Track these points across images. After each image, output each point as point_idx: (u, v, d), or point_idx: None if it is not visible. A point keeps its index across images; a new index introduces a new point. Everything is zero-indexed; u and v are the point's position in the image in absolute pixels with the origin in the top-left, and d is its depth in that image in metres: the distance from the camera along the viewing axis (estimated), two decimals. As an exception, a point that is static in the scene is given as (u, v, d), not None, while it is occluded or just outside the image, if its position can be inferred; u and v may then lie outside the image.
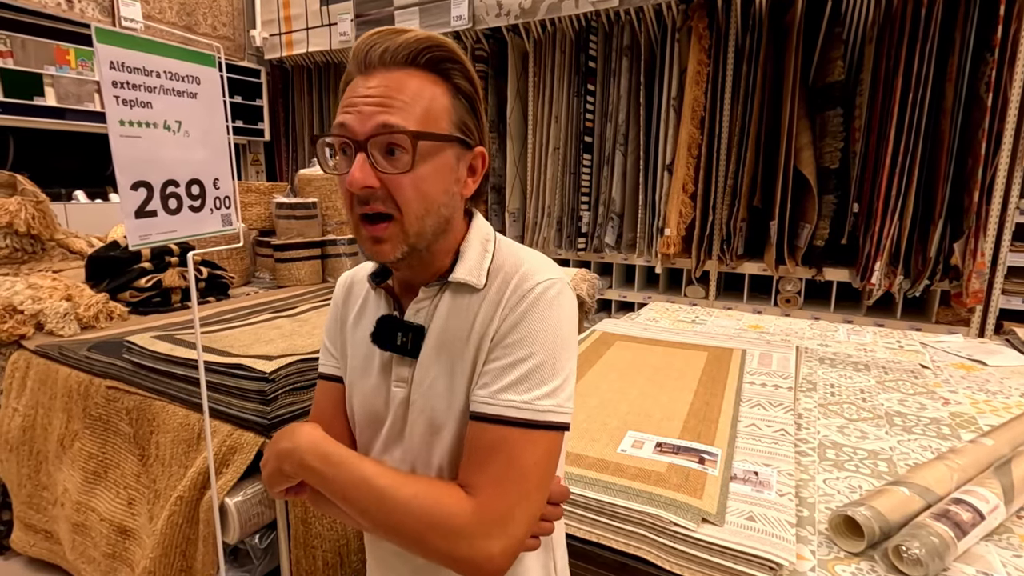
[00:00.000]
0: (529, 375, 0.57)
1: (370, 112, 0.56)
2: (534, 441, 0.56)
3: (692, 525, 0.77)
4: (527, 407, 0.56)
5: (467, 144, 0.61)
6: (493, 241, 0.66)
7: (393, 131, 0.55)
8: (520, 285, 0.60)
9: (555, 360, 0.58)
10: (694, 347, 1.62)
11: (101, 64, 0.78)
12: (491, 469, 0.55)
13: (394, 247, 0.59)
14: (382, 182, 0.56)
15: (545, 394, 0.57)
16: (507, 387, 0.57)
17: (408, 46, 0.57)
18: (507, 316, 0.59)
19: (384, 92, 0.56)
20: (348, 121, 0.56)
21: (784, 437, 1.06)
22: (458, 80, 0.60)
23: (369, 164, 0.56)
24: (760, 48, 3.01)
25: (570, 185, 3.64)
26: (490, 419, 0.56)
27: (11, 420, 1.65)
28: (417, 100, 0.57)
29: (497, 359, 0.58)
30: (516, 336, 0.58)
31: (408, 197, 0.57)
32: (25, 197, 2.28)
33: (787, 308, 3.14)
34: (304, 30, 4.54)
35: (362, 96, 0.57)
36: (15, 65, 3.66)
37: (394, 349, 0.64)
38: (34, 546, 1.66)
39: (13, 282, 1.89)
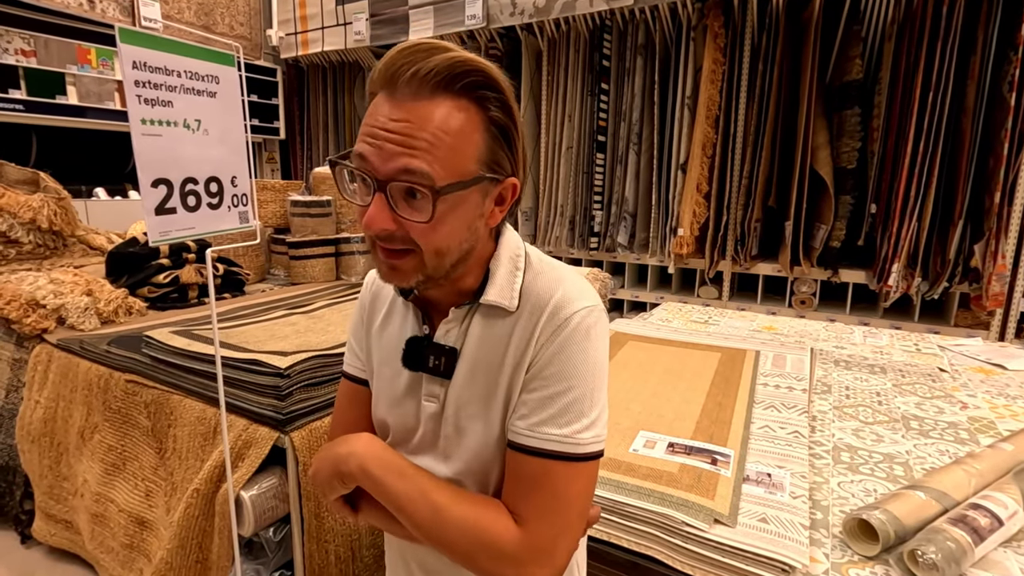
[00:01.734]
0: (568, 408, 0.57)
1: (392, 152, 0.52)
2: (576, 473, 0.57)
3: (704, 526, 0.77)
4: (568, 441, 0.57)
5: (496, 180, 0.57)
6: (523, 257, 0.64)
7: (414, 180, 0.52)
8: (556, 314, 0.59)
9: (593, 392, 0.58)
10: (707, 348, 1.61)
11: (124, 63, 0.80)
12: (536, 500, 0.56)
13: (409, 277, 0.58)
14: (402, 226, 0.54)
15: (585, 427, 0.57)
16: (547, 420, 0.57)
17: (441, 71, 0.52)
18: (543, 346, 0.58)
19: (409, 130, 0.52)
20: (368, 155, 0.53)
21: (798, 439, 1.05)
22: (493, 112, 0.55)
23: (388, 207, 0.53)
24: (776, 46, 2.98)
25: (583, 184, 3.63)
26: (531, 451, 0.57)
27: (33, 412, 1.69)
28: (443, 140, 0.52)
29: (535, 390, 0.58)
30: (554, 368, 0.58)
31: (427, 240, 0.55)
32: (48, 194, 2.33)
33: (802, 310, 3.11)
34: (320, 29, 4.58)
35: (385, 129, 0.52)
36: (38, 64, 3.73)
37: (426, 370, 0.63)
38: (54, 535, 1.69)
39: (36, 277, 1.93)
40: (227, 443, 1.12)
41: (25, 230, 2.23)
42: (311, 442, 1.21)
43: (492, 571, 0.55)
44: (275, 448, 1.20)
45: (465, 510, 0.56)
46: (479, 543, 0.55)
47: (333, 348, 1.39)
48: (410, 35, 4.02)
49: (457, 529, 0.55)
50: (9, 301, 1.81)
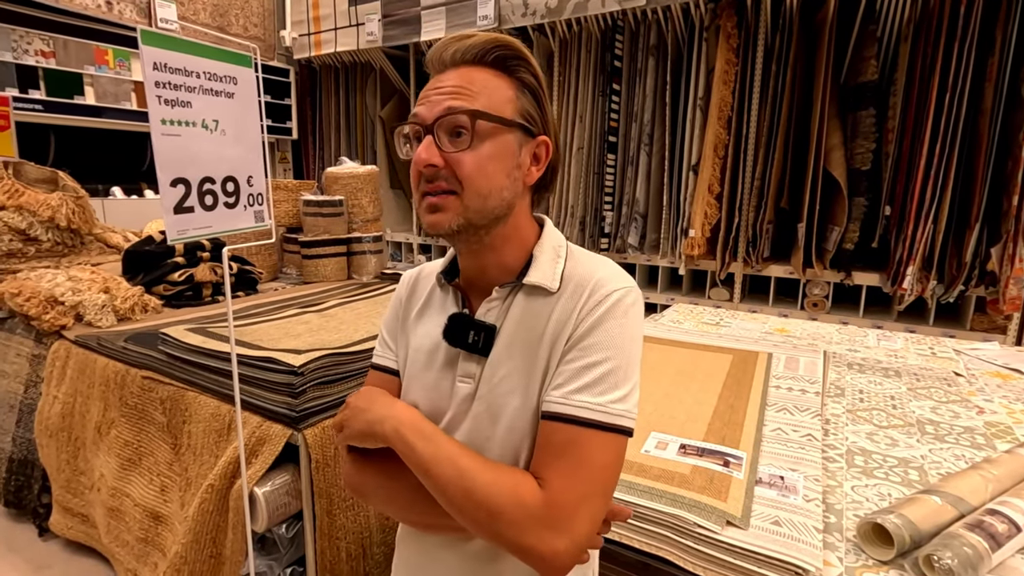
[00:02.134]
0: (604, 378, 0.59)
1: (438, 100, 0.61)
2: (605, 443, 0.58)
3: (716, 527, 0.76)
4: (601, 409, 0.58)
5: (530, 132, 0.64)
6: (565, 248, 0.68)
7: (455, 111, 0.59)
8: (597, 290, 0.62)
9: (628, 366, 0.60)
10: (718, 350, 1.60)
11: (145, 65, 0.81)
12: (562, 465, 0.57)
13: (450, 218, 0.61)
14: (446, 161, 0.60)
15: (618, 398, 0.59)
16: (582, 388, 0.59)
17: (476, 46, 0.62)
18: (584, 319, 0.61)
19: (453, 84, 0.61)
20: (420, 111, 0.62)
21: (811, 442, 1.05)
22: (523, 75, 0.64)
23: (435, 144, 0.60)
24: (790, 47, 2.96)
25: (593, 185, 3.63)
26: (564, 419, 0.58)
27: (51, 407, 1.72)
28: (482, 89, 0.61)
29: (572, 360, 0.60)
30: (593, 340, 0.60)
31: (469, 173, 0.60)
32: (66, 193, 2.37)
33: (814, 312, 3.08)
34: (332, 30, 4.61)
35: (433, 89, 0.62)
36: (57, 65, 3.79)
37: (465, 347, 0.65)
38: (71, 529, 1.72)
39: (54, 274, 1.97)
40: (242, 439, 1.13)
41: (44, 228, 2.27)
42: (324, 440, 1.22)
43: (511, 536, 0.55)
44: (288, 445, 1.21)
45: (491, 476, 0.57)
46: (502, 503, 0.55)
47: (346, 347, 1.40)
48: (422, 36, 4.04)
49: (481, 492, 0.56)
50: (29, 298, 1.84)
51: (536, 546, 0.54)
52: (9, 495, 1.87)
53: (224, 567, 1.26)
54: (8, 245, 2.17)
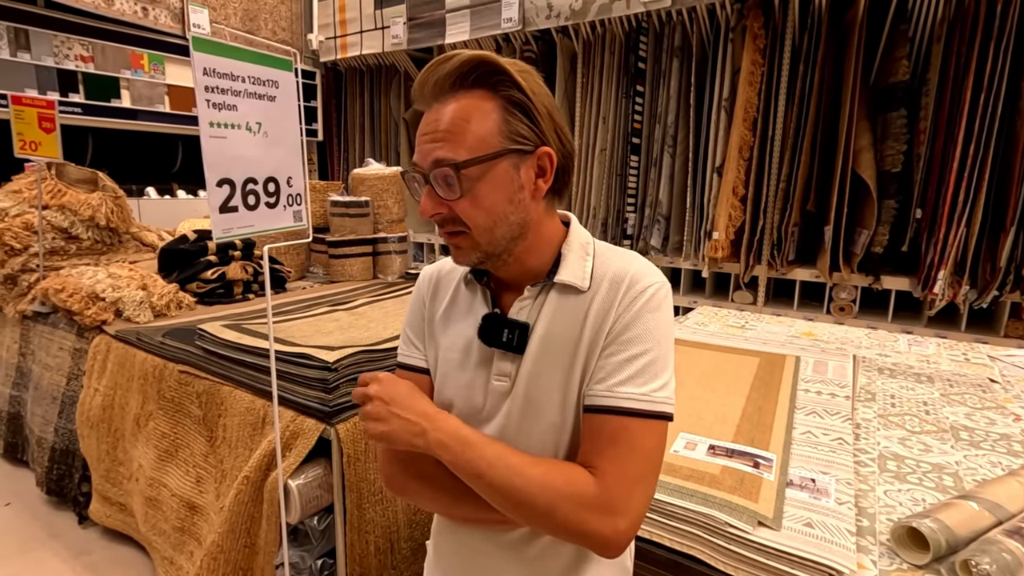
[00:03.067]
0: (645, 369, 0.61)
1: (427, 150, 0.62)
2: (651, 429, 0.61)
3: (748, 528, 0.77)
4: (646, 399, 0.61)
5: (524, 151, 0.63)
6: (592, 246, 0.70)
7: (442, 165, 0.61)
8: (633, 286, 0.64)
9: (666, 355, 0.63)
10: (745, 352, 1.59)
11: (196, 70, 0.85)
12: (614, 454, 0.59)
13: (468, 254, 0.65)
14: (448, 207, 0.62)
15: (659, 387, 0.62)
16: (625, 381, 0.61)
17: (451, 73, 0.61)
18: (622, 314, 0.63)
19: (435, 127, 0.62)
20: (416, 159, 0.64)
21: (842, 446, 1.04)
22: (508, 92, 0.62)
23: (435, 194, 0.63)
24: (819, 47, 2.92)
25: (616, 187, 3.62)
26: (611, 411, 0.61)
27: (92, 399, 1.78)
28: (460, 126, 0.61)
29: (614, 354, 0.62)
30: (632, 333, 0.62)
31: (471, 216, 0.62)
32: (105, 193, 2.45)
33: (841, 317, 3.03)
34: (358, 33, 4.68)
35: (422, 133, 0.63)
36: (95, 69, 3.92)
37: (500, 345, 0.67)
38: (110, 517, 1.78)
39: (95, 271, 2.04)
40: (278, 433, 1.16)
41: (84, 227, 2.35)
42: (356, 434, 1.25)
43: (575, 522, 0.57)
44: (321, 439, 1.24)
45: (542, 468, 0.59)
46: (560, 494, 0.57)
47: (377, 344, 1.43)
48: (446, 39, 4.08)
49: (537, 484, 0.58)
50: (71, 294, 1.91)
51: (599, 530, 0.57)
52: (51, 483, 1.95)
53: (258, 557, 1.29)
54: (51, 243, 2.25)
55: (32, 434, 2.06)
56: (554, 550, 0.68)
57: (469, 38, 3.96)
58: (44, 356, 2.04)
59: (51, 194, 2.29)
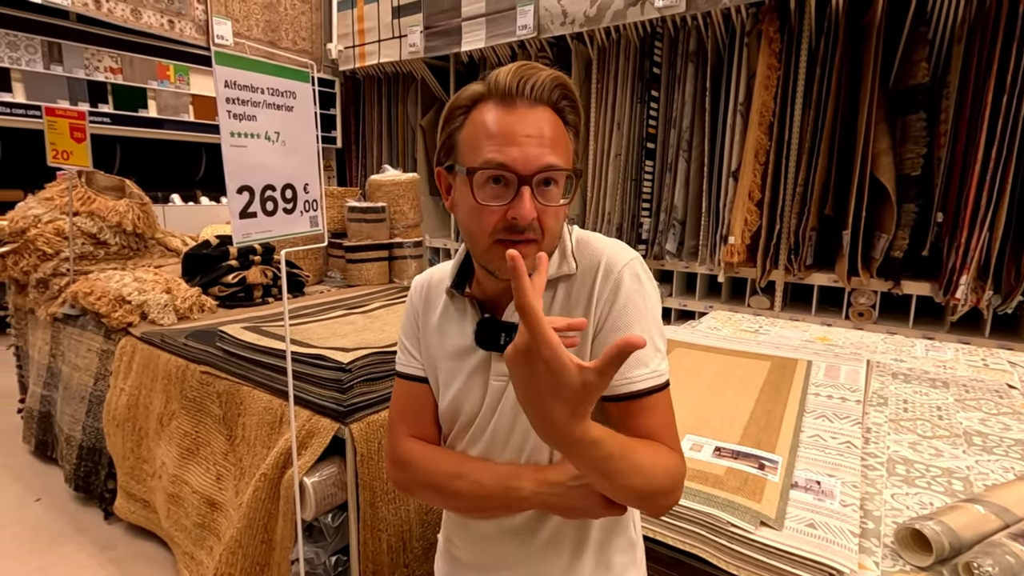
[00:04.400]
0: (646, 348, 0.64)
1: (536, 153, 0.61)
2: (665, 396, 0.66)
3: (750, 527, 0.78)
4: (656, 375, 0.65)
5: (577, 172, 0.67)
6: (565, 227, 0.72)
7: (555, 169, 0.62)
8: (609, 274, 0.67)
9: (657, 325, 0.68)
10: (756, 356, 1.59)
11: (218, 82, 0.89)
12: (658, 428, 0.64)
13: (529, 264, 0.63)
14: (538, 212, 0.62)
15: (661, 357, 0.67)
16: (634, 364, 0.65)
17: (548, 85, 0.63)
18: (608, 304, 0.66)
19: (541, 132, 0.62)
20: (510, 159, 0.61)
21: (850, 449, 1.04)
22: (571, 117, 0.66)
23: (533, 198, 0.61)
24: (836, 50, 2.90)
25: (631, 191, 3.63)
26: (634, 395, 0.65)
27: (118, 399, 1.85)
28: (561, 139, 0.64)
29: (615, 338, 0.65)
30: (626, 319, 0.66)
31: (551, 224, 0.64)
32: (132, 200, 2.54)
33: (860, 322, 2.99)
34: (376, 42, 4.77)
35: (519, 133, 0.61)
36: (124, 81, 4.06)
37: (498, 349, 0.69)
38: (134, 513, 1.84)
39: (121, 276, 2.11)
40: (294, 432, 1.20)
41: (112, 232, 2.44)
42: (369, 434, 1.28)
43: (675, 498, 0.63)
44: (335, 438, 1.27)
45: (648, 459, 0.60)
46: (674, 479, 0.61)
47: (390, 346, 1.46)
48: (462, 47, 4.13)
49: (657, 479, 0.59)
50: (99, 297, 1.98)
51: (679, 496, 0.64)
52: (79, 480, 2.02)
53: (275, 552, 1.33)
54: (81, 248, 2.34)
55: (61, 432, 2.13)
56: (561, 532, 0.70)
57: (485, 45, 4.01)
58: (73, 357, 2.12)
59: (81, 201, 2.38)
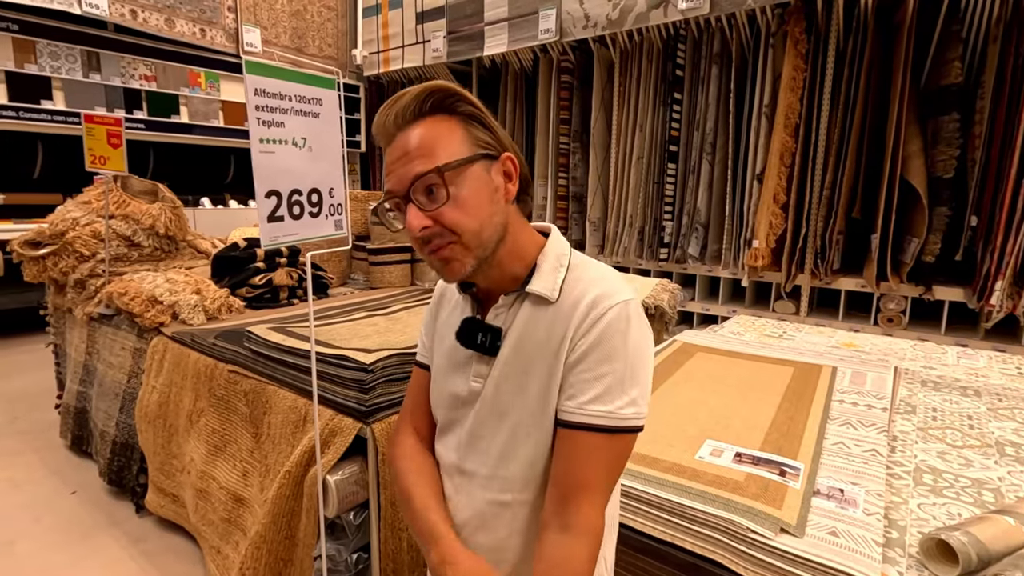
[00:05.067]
0: (611, 388, 0.65)
1: (403, 171, 0.65)
2: (617, 443, 0.66)
3: (770, 534, 0.77)
4: (612, 416, 0.65)
5: (491, 155, 0.68)
6: (568, 256, 0.72)
7: (421, 175, 0.64)
8: (594, 308, 0.66)
9: (634, 373, 0.66)
10: (779, 362, 1.57)
11: (248, 91, 0.92)
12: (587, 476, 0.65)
13: (462, 263, 0.67)
14: (434, 219, 0.65)
15: (626, 403, 0.65)
16: (593, 399, 0.65)
17: (411, 104, 0.66)
18: (584, 336, 0.66)
19: (404, 150, 0.65)
20: (391, 186, 0.67)
21: (875, 457, 1.02)
22: (463, 108, 0.68)
23: (417, 209, 0.65)
24: (865, 50, 2.85)
25: (653, 194, 3.61)
26: (581, 427, 0.65)
27: (150, 396, 1.91)
28: (432, 143, 0.65)
29: (582, 372, 0.66)
30: (599, 354, 0.65)
31: (460, 220, 0.65)
32: (164, 203, 2.62)
33: (889, 328, 2.92)
34: (400, 48, 4.84)
35: (392, 160, 0.67)
36: (157, 87, 4.20)
37: (475, 347, 0.72)
38: (163, 507, 1.89)
39: (154, 277, 2.18)
40: (318, 431, 1.22)
41: (146, 235, 2.52)
42: (390, 433, 1.29)
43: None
44: (358, 437, 1.30)
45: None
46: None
47: (411, 347, 1.48)
48: (484, 51, 4.16)
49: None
50: (133, 297, 2.05)
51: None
52: (112, 474, 2.08)
53: (298, 548, 1.36)
54: (116, 250, 2.42)
55: (96, 428, 2.21)
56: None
57: (507, 49, 4.03)
58: (108, 355, 2.19)
59: (117, 205, 2.46)
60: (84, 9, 3.61)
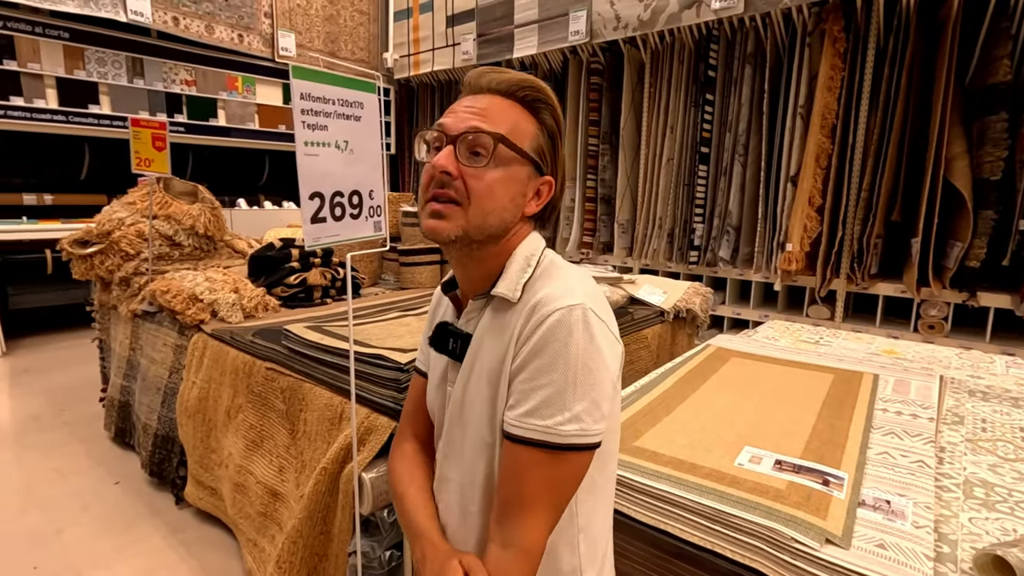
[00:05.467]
0: (550, 401, 0.60)
1: (466, 117, 0.65)
2: (558, 461, 0.61)
3: (815, 544, 0.75)
4: (550, 432, 0.60)
5: (539, 169, 0.68)
6: (538, 256, 0.70)
7: (480, 132, 0.64)
8: (537, 310, 0.62)
9: (576, 386, 0.60)
10: (817, 368, 1.54)
11: (294, 95, 0.94)
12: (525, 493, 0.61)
13: (451, 227, 0.65)
14: (461, 174, 0.64)
15: (567, 419, 0.60)
16: (531, 412, 0.61)
17: (512, 81, 0.67)
18: (526, 341, 0.62)
19: (480, 105, 0.66)
20: (446, 121, 0.67)
21: (922, 469, 0.99)
22: (545, 117, 0.69)
23: (454, 155, 0.64)
24: (906, 49, 2.77)
25: (683, 196, 3.57)
26: (520, 440, 0.61)
27: (190, 391, 1.96)
28: (507, 118, 0.66)
29: (523, 382, 0.62)
30: (538, 363, 0.61)
31: (479, 189, 0.64)
32: (204, 204, 2.70)
33: (930, 335, 2.83)
34: (430, 51, 4.88)
35: (464, 106, 0.67)
36: (197, 92, 4.32)
37: (447, 353, 0.72)
38: (202, 500, 1.95)
39: (194, 275, 2.25)
40: (355, 429, 1.25)
41: (186, 235, 2.60)
42: (424, 433, 1.31)
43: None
44: (392, 436, 1.31)
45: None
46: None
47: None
48: (514, 53, 4.18)
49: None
50: (175, 295, 2.12)
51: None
52: (154, 466, 2.15)
53: (333, 544, 1.38)
54: (159, 249, 2.50)
55: (139, 421, 2.29)
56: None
57: (537, 51, 4.04)
58: (150, 351, 2.27)
59: (159, 205, 2.55)
60: (130, 17, 3.74)
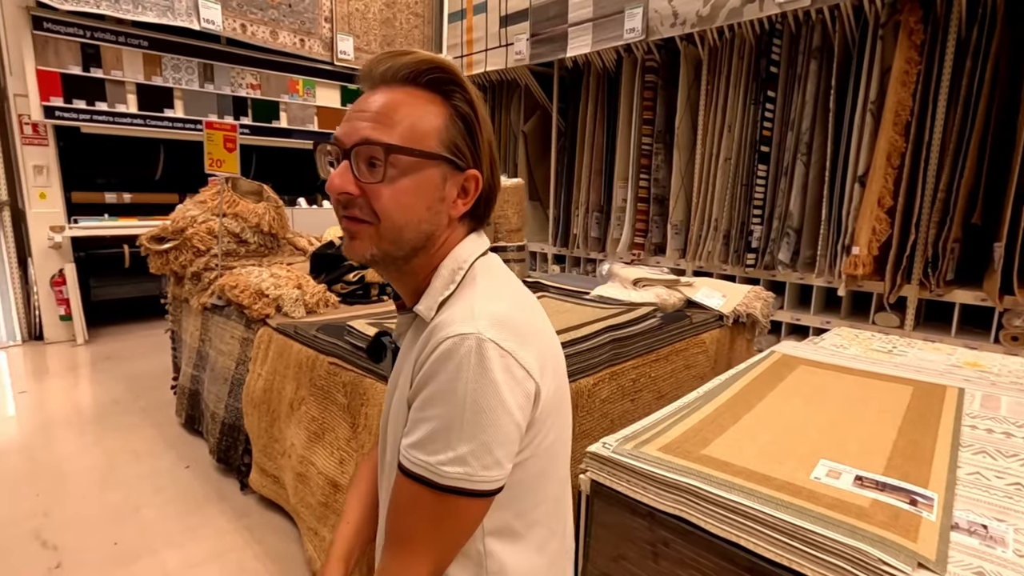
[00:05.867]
0: (435, 436, 0.55)
1: (356, 126, 0.59)
2: (440, 503, 0.55)
3: (906, 568, 0.71)
4: (432, 470, 0.54)
5: (457, 165, 0.61)
6: (466, 269, 0.64)
7: (369, 142, 0.57)
8: (434, 334, 0.57)
9: (463, 425, 0.54)
10: (895, 379, 1.45)
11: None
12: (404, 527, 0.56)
13: (366, 247, 0.60)
14: (362, 191, 0.58)
15: (450, 459, 0.54)
16: (416, 444, 0.56)
17: (409, 66, 0.59)
18: (422, 367, 0.57)
19: (373, 107, 0.59)
20: (339, 133, 0.61)
21: (1020, 492, 0.92)
22: (457, 102, 0.61)
23: (351, 172, 0.59)
24: (991, 40, 2.59)
25: (741, 197, 3.46)
26: (405, 472, 0.56)
27: (256, 383, 2.05)
28: (406, 118, 0.58)
29: (415, 410, 0.57)
30: (427, 392, 0.56)
31: (385, 206, 0.58)
32: (268, 203, 2.81)
33: (1013, 347, 2.64)
34: (483, 51, 4.92)
35: (358, 111, 0.60)
36: (261, 95, 4.51)
37: (378, 364, 0.70)
38: (265, 487, 2.03)
39: (260, 271, 2.34)
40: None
41: (252, 232, 2.72)
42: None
43: None
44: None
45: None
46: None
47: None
48: (568, 52, 4.15)
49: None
50: (243, 290, 2.21)
51: None
52: (221, 453, 2.26)
53: (392, 537, 1.41)
54: (227, 246, 2.63)
55: (207, 409, 2.41)
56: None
57: (591, 50, 4.00)
58: (219, 343, 2.38)
59: (228, 204, 2.67)
60: (202, 25, 3.94)
